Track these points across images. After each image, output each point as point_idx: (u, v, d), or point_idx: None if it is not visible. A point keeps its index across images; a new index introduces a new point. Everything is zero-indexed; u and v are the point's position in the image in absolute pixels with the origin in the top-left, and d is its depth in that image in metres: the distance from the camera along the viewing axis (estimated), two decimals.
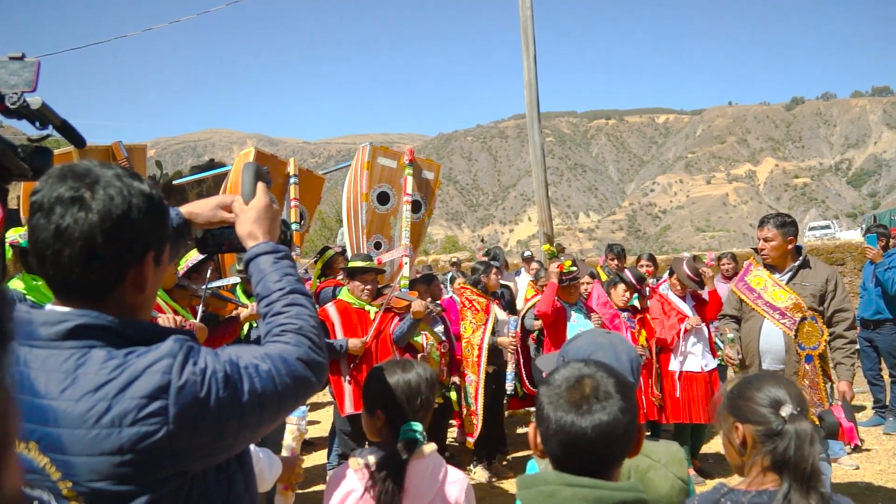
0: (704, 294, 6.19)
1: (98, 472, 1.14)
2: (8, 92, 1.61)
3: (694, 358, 6.00)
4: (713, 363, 6.11)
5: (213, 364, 1.23)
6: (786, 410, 1.74)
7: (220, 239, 1.74)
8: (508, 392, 6.25)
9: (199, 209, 1.68)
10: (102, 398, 1.14)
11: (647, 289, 6.47)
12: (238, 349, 1.33)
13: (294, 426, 2.35)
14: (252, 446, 1.90)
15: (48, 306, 1.27)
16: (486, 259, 7.11)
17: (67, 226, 1.18)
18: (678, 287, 6.17)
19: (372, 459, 2.04)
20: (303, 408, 2.38)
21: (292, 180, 5.91)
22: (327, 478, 5.22)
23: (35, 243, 1.22)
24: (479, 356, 5.93)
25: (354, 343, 4.75)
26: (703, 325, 6.08)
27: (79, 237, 1.19)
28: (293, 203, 5.81)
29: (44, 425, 1.16)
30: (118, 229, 1.21)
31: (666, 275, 6.73)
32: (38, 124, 1.69)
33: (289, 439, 2.36)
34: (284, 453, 2.32)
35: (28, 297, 3.14)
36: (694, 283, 6.03)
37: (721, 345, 6.35)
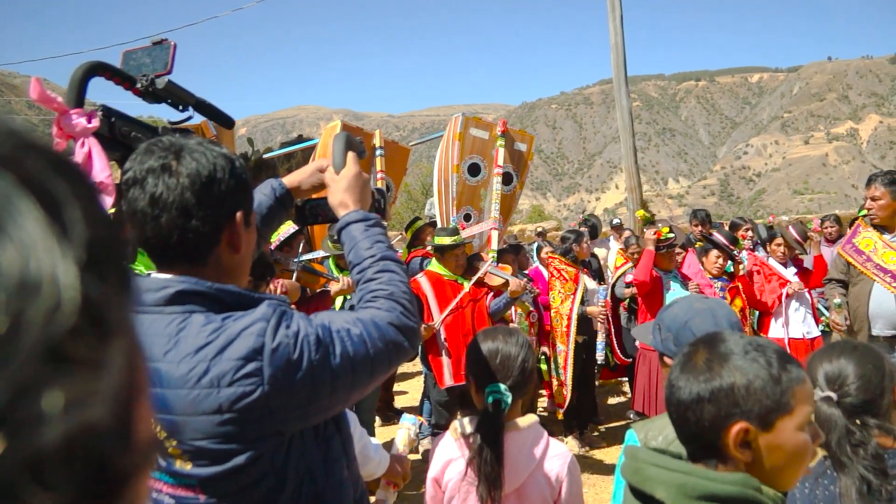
0: (807, 261, 5.93)
1: (200, 431, 1.19)
2: (139, 75, 1.66)
3: (796, 324, 5.81)
4: (816, 331, 5.89)
5: (306, 328, 1.25)
6: (818, 393, 1.69)
7: (315, 210, 1.77)
8: (599, 362, 6.17)
9: (299, 177, 1.72)
10: (202, 360, 1.19)
11: (746, 252, 6.24)
12: (331, 314, 1.36)
13: (405, 430, 2.36)
14: (361, 433, 1.92)
15: (152, 274, 1.32)
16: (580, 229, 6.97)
17: (161, 193, 1.23)
18: (779, 253, 5.98)
19: (470, 428, 2.04)
20: (414, 417, 2.40)
21: (378, 152, 5.94)
22: (419, 448, 5.33)
23: (134, 214, 1.26)
24: (567, 326, 5.85)
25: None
26: (806, 291, 5.86)
27: (173, 201, 1.23)
28: (379, 175, 5.83)
29: (150, 386, 1.19)
30: (207, 189, 1.26)
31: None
32: (180, 107, 1.73)
33: (398, 442, 2.36)
34: (398, 451, 2.33)
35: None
36: (800, 246, 5.81)
37: (824, 311, 6.09)
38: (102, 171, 1.53)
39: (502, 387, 2.01)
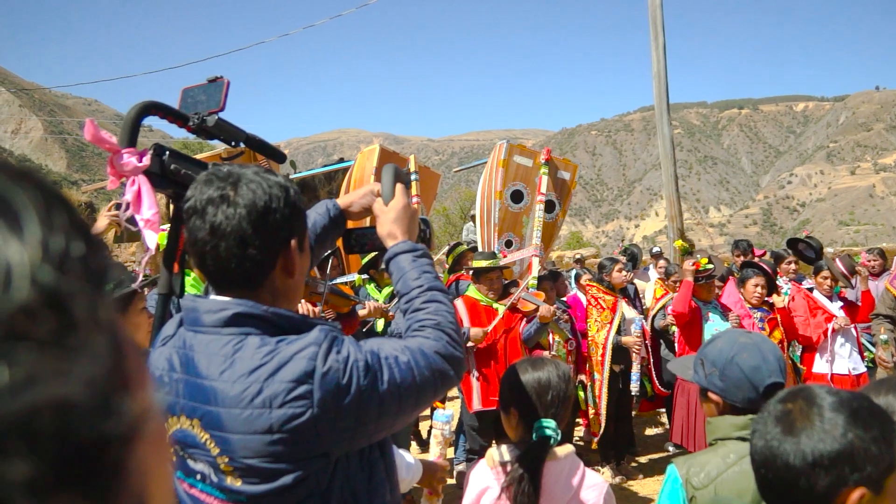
0: (852, 294, 5.79)
1: (251, 449, 1.23)
2: (191, 114, 1.72)
3: (841, 360, 5.63)
4: (862, 367, 5.71)
5: (355, 353, 1.29)
6: None
7: (362, 239, 1.81)
8: (634, 393, 6.09)
9: (351, 198, 1.80)
10: (255, 381, 1.23)
11: (788, 285, 6.12)
12: (380, 341, 1.39)
13: (438, 431, 2.34)
14: (395, 451, 1.93)
15: (211, 296, 1.37)
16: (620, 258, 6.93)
17: (220, 222, 1.29)
18: (825, 286, 5.84)
19: (508, 457, 2.03)
20: (447, 412, 2.37)
21: (413, 177, 6.00)
22: (454, 472, 5.31)
23: (194, 243, 1.32)
24: (602, 355, 5.81)
25: (476, 332, 4.73)
26: (852, 326, 5.71)
27: (231, 231, 1.29)
28: (415, 199, 5.89)
29: (205, 404, 1.27)
30: (263, 218, 1.31)
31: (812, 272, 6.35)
32: (233, 143, 1.79)
33: (433, 444, 2.35)
34: (430, 458, 2.31)
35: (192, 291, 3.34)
36: (847, 280, 5.67)
37: (870, 347, 5.94)
38: (150, 208, 1.60)
39: (552, 424, 2.01)
